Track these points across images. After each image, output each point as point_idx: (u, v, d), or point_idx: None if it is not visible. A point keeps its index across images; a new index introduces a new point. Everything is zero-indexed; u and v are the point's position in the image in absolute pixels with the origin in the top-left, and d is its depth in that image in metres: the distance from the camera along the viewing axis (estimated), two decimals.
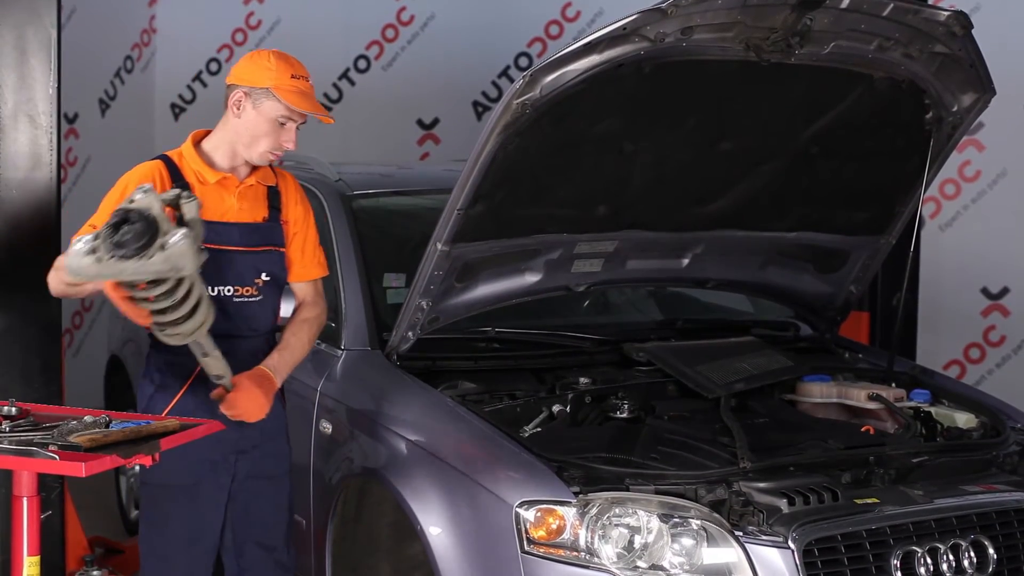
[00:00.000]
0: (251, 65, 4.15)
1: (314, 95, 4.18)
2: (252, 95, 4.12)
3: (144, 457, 3.65)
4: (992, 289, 8.08)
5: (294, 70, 4.13)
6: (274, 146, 4.16)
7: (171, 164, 4.17)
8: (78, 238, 3.60)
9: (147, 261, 3.50)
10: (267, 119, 4.12)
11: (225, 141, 4.21)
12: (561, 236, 4.69)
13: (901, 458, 4.27)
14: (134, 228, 3.48)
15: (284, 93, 4.09)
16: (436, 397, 4.45)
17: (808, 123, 4.65)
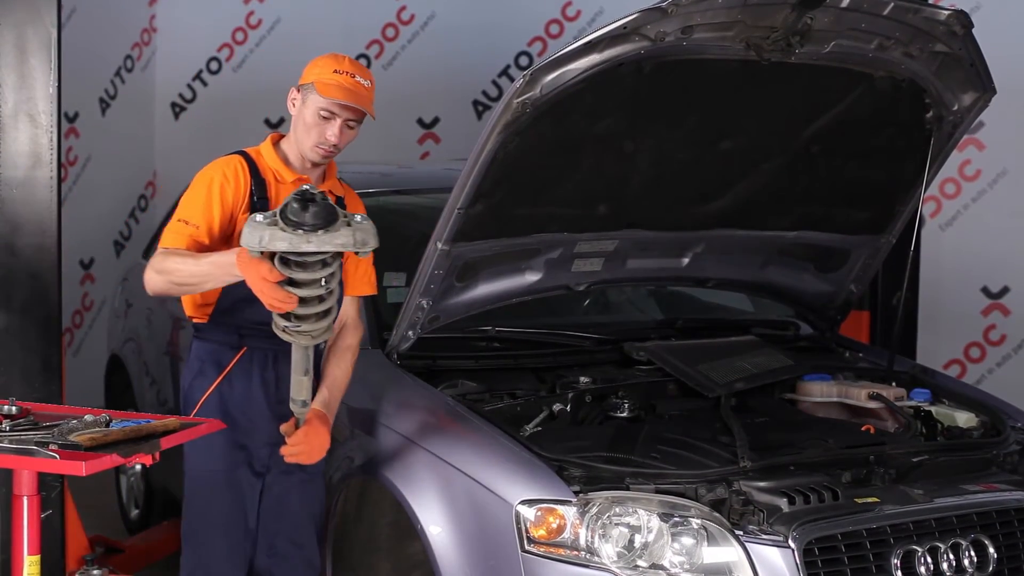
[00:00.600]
0: (310, 64, 4.25)
1: (360, 89, 4.19)
2: (302, 91, 4.22)
3: (144, 456, 3.65)
4: (992, 288, 8.09)
5: (339, 65, 4.19)
6: (319, 140, 4.20)
7: (250, 160, 4.26)
8: (252, 216, 3.67)
9: (335, 233, 3.59)
10: (311, 112, 4.18)
11: (292, 141, 4.30)
12: (561, 235, 4.68)
13: (901, 457, 4.26)
14: (323, 204, 3.60)
15: (322, 86, 4.15)
16: (436, 396, 4.45)
17: (808, 122, 4.65)
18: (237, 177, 4.18)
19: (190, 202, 4.14)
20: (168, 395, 6.47)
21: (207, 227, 4.09)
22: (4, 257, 4.88)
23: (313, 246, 3.59)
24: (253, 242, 3.60)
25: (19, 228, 4.88)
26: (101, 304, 9.39)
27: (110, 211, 9.53)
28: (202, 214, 4.10)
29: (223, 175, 4.16)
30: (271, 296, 3.71)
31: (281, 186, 4.24)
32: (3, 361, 4.88)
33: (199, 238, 4.07)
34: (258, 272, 3.70)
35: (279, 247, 3.59)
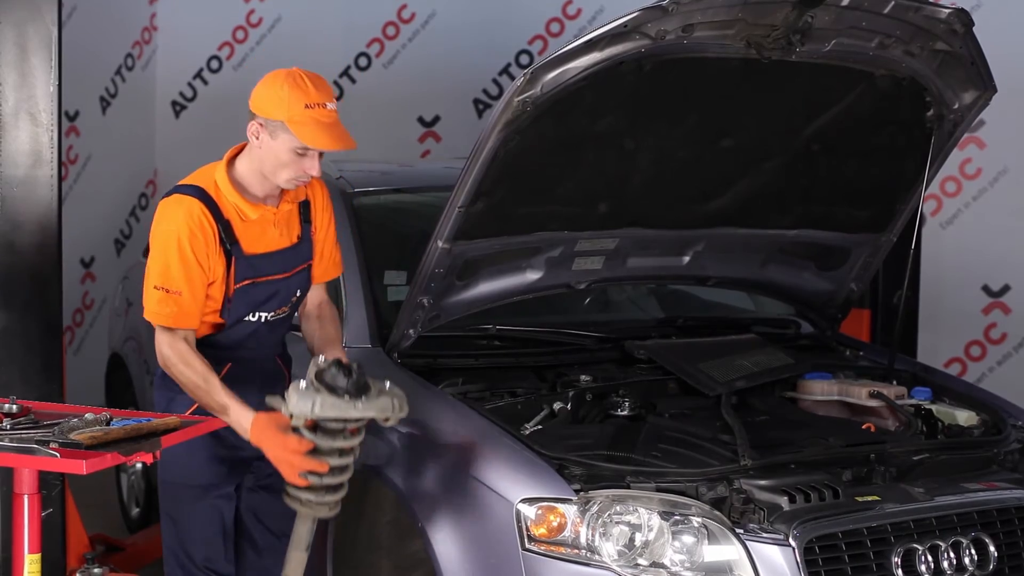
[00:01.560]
0: (266, 93, 4.00)
1: (334, 120, 3.99)
2: (267, 126, 3.98)
3: (145, 455, 3.65)
4: (993, 287, 8.07)
5: (308, 98, 3.93)
6: (297, 174, 4.02)
7: (210, 202, 4.04)
8: (295, 383, 3.74)
9: (376, 400, 3.77)
10: (285, 150, 3.96)
11: (253, 170, 4.07)
12: (562, 234, 4.68)
13: (902, 456, 4.27)
14: (358, 372, 3.76)
15: (297, 127, 3.92)
16: (437, 394, 4.45)
17: (809, 121, 4.65)
18: (203, 228, 3.99)
19: (164, 267, 3.98)
20: None
21: (190, 290, 3.99)
22: (5, 255, 4.88)
23: (358, 412, 3.74)
24: (306, 410, 3.70)
25: (20, 227, 4.88)
26: (102, 303, 9.39)
27: (111, 210, 9.52)
28: (182, 278, 3.97)
29: (189, 231, 3.96)
30: (301, 466, 3.78)
31: (245, 224, 4.09)
32: (4, 359, 4.88)
33: (186, 306, 3.99)
34: (285, 446, 3.79)
35: (329, 414, 3.72)
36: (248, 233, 4.08)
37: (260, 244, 4.12)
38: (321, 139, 3.94)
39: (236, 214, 4.07)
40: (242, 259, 4.07)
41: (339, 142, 3.97)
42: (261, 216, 4.11)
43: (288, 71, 4.03)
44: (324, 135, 3.95)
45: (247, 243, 4.07)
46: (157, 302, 3.99)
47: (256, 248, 4.10)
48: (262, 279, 4.14)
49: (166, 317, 4.00)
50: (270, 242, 4.15)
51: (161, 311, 3.99)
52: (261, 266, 4.12)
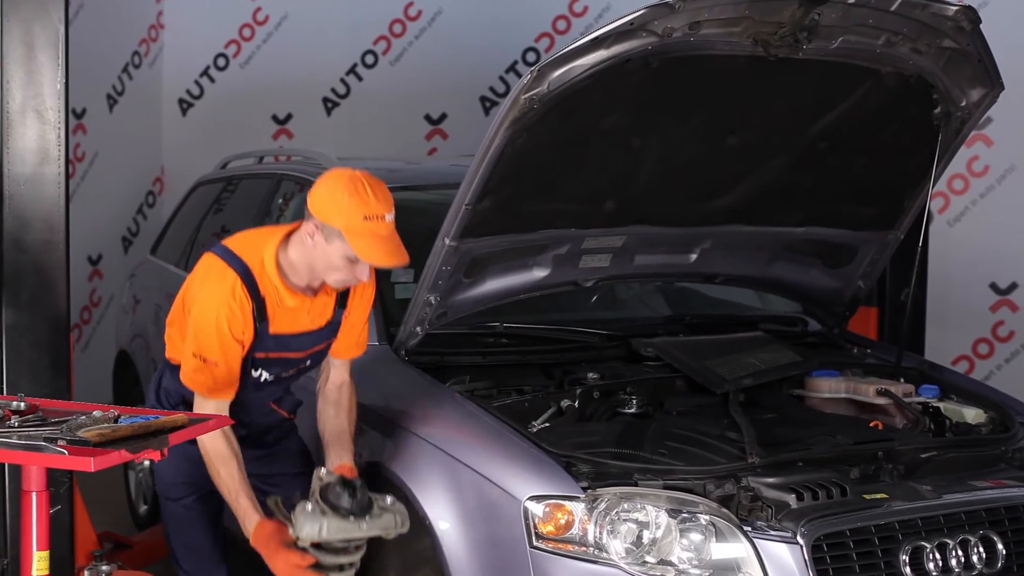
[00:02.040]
0: (326, 196, 3.96)
1: (391, 232, 3.95)
2: (323, 230, 3.95)
3: (153, 452, 3.65)
4: (1001, 284, 8.08)
5: (368, 209, 3.89)
6: (348, 279, 4.05)
7: (251, 281, 4.06)
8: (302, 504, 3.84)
9: (379, 519, 3.88)
10: (338, 256, 3.95)
11: (303, 262, 4.08)
12: (569, 231, 4.68)
13: (910, 453, 4.27)
14: (362, 490, 3.87)
15: (353, 238, 3.89)
16: (444, 392, 4.45)
17: (816, 118, 4.65)
18: (243, 308, 4.04)
19: (204, 338, 4.05)
20: None
21: (226, 363, 4.08)
22: (12, 253, 4.88)
23: (363, 533, 3.86)
24: (313, 533, 3.80)
25: (27, 224, 4.88)
26: (109, 300, 9.40)
27: (118, 207, 9.53)
28: (219, 351, 4.05)
29: (229, 310, 4.02)
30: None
31: (279, 309, 4.13)
32: (11, 357, 4.88)
33: (222, 377, 4.08)
34: (288, 560, 3.88)
35: (335, 536, 3.83)
36: (280, 314, 4.14)
37: (288, 326, 4.17)
38: (376, 254, 3.93)
39: (274, 296, 4.11)
40: (266, 336, 4.14)
41: (394, 258, 3.95)
42: (298, 304, 4.16)
43: (351, 175, 3.97)
44: (380, 249, 3.93)
45: (276, 323, 4.14)
46: (194, 370, 4.10)
47: (282, 329, 4.16)
48: (275, 355, 4.21)
49: (202, 386, 4.10)
50: (298, 325, 4.20)
51: (197, 379, 4.10)
52: (281, 344, 4.19)
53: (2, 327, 4.88)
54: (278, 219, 6.20)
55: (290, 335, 4.18)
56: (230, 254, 4.10)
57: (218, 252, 4.14)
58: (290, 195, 6.18)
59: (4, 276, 4.88)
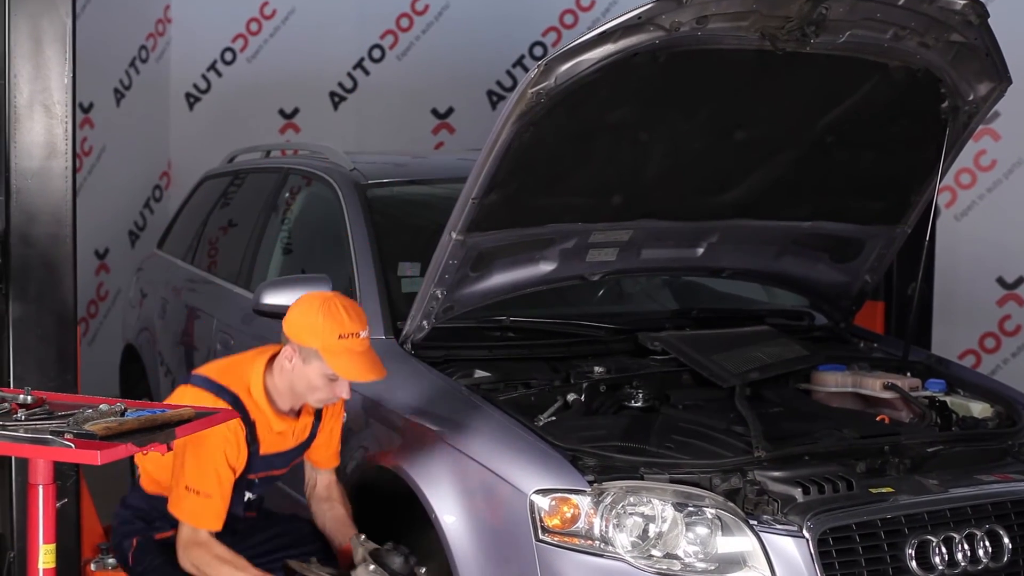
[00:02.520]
0: (301, 320, 4.11)
1: (366, 348, 4.10)
2: (301, 352, 4.09)
3: (159, 445, 3.65)
4: (1008, 279, 8.07)
5: (342, 328, 4.04)
6: (329, 397, 4.18)
7: (242, 409, 4.14)
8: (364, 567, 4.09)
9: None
10: (317, 375, 4.10)
11: (285, 387, 4.19)
12: (576, 225, 4.68)
13: (916, 447, 4.26)
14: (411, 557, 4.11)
15: (330, 356, 4.04)
16: (451, 386, 4.46)
17: (823, 112, 4.64)
18: (238, 436, 4.12)
19: (198, 470, 4.09)
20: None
21: (220, 493, 4.11)
22: (19, 247, 4.88)
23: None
24: None
25: (34, 218, 4.88)
26: (116, 294, 9.41)
27: (125, 201, 9.54)
28: (215, 483, 4.09)
29: (225, 440, 4.09)
30: None
31: (269, 433, 4.22)
32: (18, 350, 4.88)
33: (216, 508, 4.11)
34: None
35: None
36: (268, 437, 4.23)
37: (276, 447, 4.27)
38: (353, 370, 4.07)
39: (263, 420, 4.20)
40: (257, 459, 4.22)
41: (371, 372, 4.09)
42: (285, 428, 4.26)
43: (324, 297, 4.14)
44: (356, 366, 4.07)
45: (265, 446, 4.23)
46: (188, 503, 4.10)
47: (271, 450, 4.26)
48: (264, 474, 4.31)
49: (196, 518, 4.11)
50: (284, 445, 4.30)
51: (191, 511, 4.11)
52: (268, 464, 4.29)
53: (9, 321, 4.88)
54: (285, 214, 6.21)
55: (276, 454, 4.28)
56: (214, 384, 4.18)
57: (200, 384, 4.20)
58: (297, 189, 6.19)
59: (11, 270, 4.88)
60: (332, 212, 5.49)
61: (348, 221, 5.30)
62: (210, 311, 6.32)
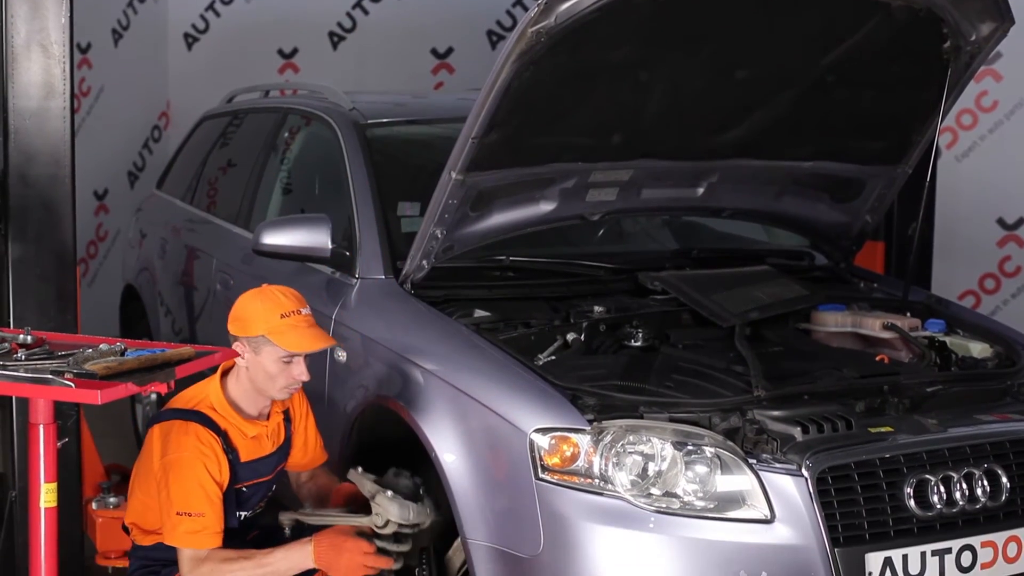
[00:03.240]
0: (241, 313, 4.18)
1: (311, 323, 4.18)
2: (250, 343, 4.15)
3: (159, 385, 3.67)
4: (1008, 219, 8.06)
5: (282, 308, 4.13)
6: (289, 383, 4.20)
7: (211, 423, 4.16)
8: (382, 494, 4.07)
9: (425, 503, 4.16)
10: (272, 361, 4.14)
11: (245, 389, 4.23)
12: (576, 165, 4.67)
13: (915, 387, 4.27)
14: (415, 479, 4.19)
15: (277, 336, 4.10)
16: (451, 325, 4.46)
17: (824, 52, 4.61)
18: (213, 448, 4.12)
19: (183, 493, 4.06)
20: (183, 325, 6.50)
21: (212, 509, 4.08)
22: (18, 187, 4.88)
23: (430, 516, 4.15)
24: (404, 517, 4.07)
25: (32, 158, 4.88)
26: (115, 235, 9.40)
27: (124, 142, 9.52)
28: (203, 500, 4.07)
29: (202, 454, 4.08)
30: (375, 563, 4.09)
31: (244, 440, 4.23)
32: (18, 291, 4.89)
33: (211, 524, 4.08)
34: (360, 549, 4.07)
35: (417, 519, 4.11)
36: (245, 444, 4.24)
37: (253, 453, 4.27)
38: (303, 342, 4.14)
39: (235, 429, 4.22)
40: (239, 466, 4.22)
41: (320, 341, 4.19)
42: (258, 432, 4.27)
43: (258, 289, 4.22)
44: (304, 338, 4.14)
45: (243, 453, 4.23)
46: (183, 528, 4.07)
47: (250, 456, 4.26)
48: (252, 482, 4.29)
49: (193, 540, 4.08)
50: (263, 449, 4.31)
51: (187, 535, 4.07)
52: (253, 471, 4.28)
53: (9, 261, 4.89)
54: (284, 153, 6.19)
55: (258, 459, 4.29)
56: (178, 412, 4.19)
57: (165, 418, 4.20)
58: (296, 129, 6.17)
59: (10, 210, 4.88)
60: (331, 152, 5.47)
61: (347, 161, 5.29)
62: (210, 251, 6.32)
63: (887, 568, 3.80)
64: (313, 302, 4.35)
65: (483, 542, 3.96)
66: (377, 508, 4.06)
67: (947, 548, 3.88)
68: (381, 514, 4.06)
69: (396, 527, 4.09)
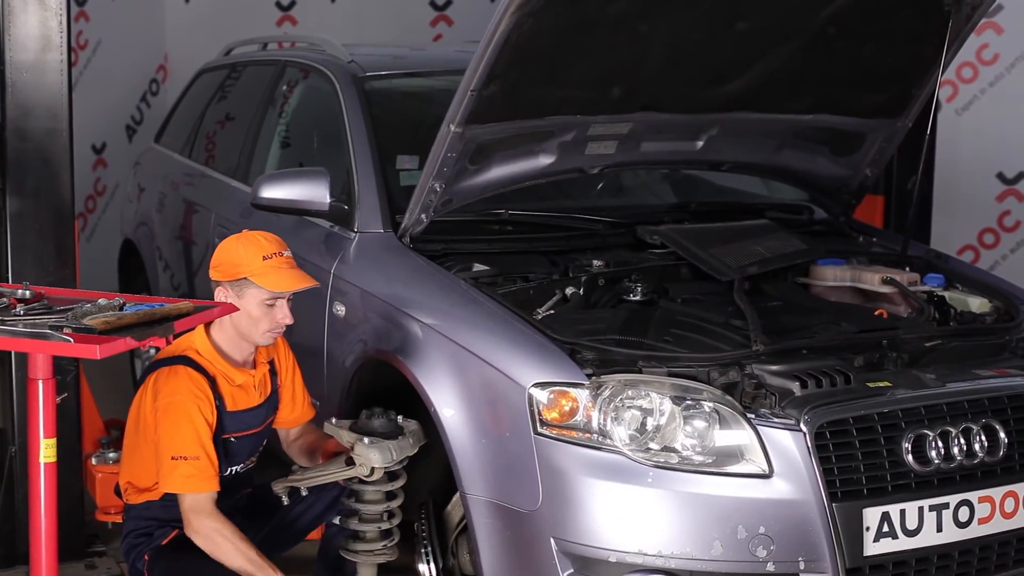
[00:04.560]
0: (224, 258, 4.20)
1: (292, 264, 4.21)
2: (233, 287, 4.17)
3: (158, 339, 3.66)
4: (1008, 174, 8.05)
5: (264, 251, 4.16)
6: (272, 326, 4.22)
7: (198, 367, 4.17)
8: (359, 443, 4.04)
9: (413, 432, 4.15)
10: (255, 304, 4.16)
11: (230, 336, 4.25)
12: (575, 118, 4.65)
13: (914, 342, 4.27)
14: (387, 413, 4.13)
15: (260, 278, 4.13)
16: (449, 279, 4.45)
17: (826, 3, 4.59)
18: (202, 387, 4.13)
19: (176, 436, 4.06)
20: (182, 279, 6.49)
21: (206, 452, 4.08)
22: (15, 141, 4.87)
23: (413, 447, 4.13)
24: (387, 459, 4.03)
25: (30, 112, 4.87)
26: (114, 189, 9.39)
27: (122, 95, 9.48)
28: (196, 443, 4.07)
29: (194, 396, 4.10)
30: None
31: (231, 387, 4.24)
32: (16, 246, 4.88)
33: (206, 468, 4.08)
34: None
35: (401, 455, 4.08)
36: (232, 392, 4.24)
37: (241, 403, 4.27)
38: (286, 282, 4.16)
39: (223, 377, 4.23)
40: (227, 415, 4.22)
41: (302, 281, 4.20)
42: (245, 380, 4.27)
43: (239, 235, 4.24)
44: (287, 278, 4.17)
45: (230, 402, 4.23)
46: (179, 473, 4.06)
47: (237, 406, 4.25)
48: (240, 434, 4.28)
49: (191, 484, 4.07)
50: (250, 400, 4.30)
51: (184, 479, 4.07)
52: (241, 422, 4.27)
53: (7, 215, 4.88)
54: (282, 107, 6.17)
55: (246, 410, 4.28)
56: (165, 359, 4.20)
57: (153, 368, 4.22)
58: (294, 82, 6.15)
59: (8, 165, 4.87)
60: (330, 105, 5.45)
61: (346, 114, 5.27)
62: (208, 205, 6.30)
63: (884, 523, 3.81)
64: (311, 256, 4.35)
65: (482, 496, 3.97)
66: (359, 458, 4.04)
67: (944, 503, 3.89)
68: (364, 464, 4.04)
69: (383, 471, 4.08)
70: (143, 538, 4.29)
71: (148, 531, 4.29)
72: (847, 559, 3.76)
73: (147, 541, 4.28)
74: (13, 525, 4.92)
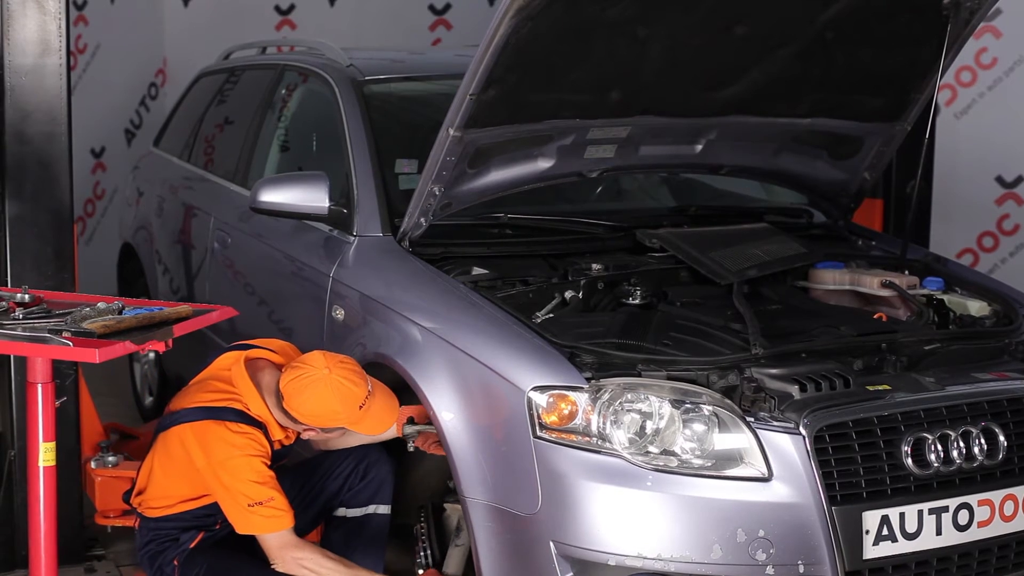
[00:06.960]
0: (319, 410, 4.16)
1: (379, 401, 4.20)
2: (325, 430, 4.28)
3: (157, 343, 3.67)
4: (1007, 177, 8.04)
5: (358, 399, 4.14)
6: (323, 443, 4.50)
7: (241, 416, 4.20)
8: None
9: None
10: (336, 434, 4.34)
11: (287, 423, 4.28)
12: (574, 122, 4.65)
13: (913, 345, 4.27)
14: None
15: (358, 426, 4.20)
16: (449, 283, 4.45)
17: (824, 7, 4.59)
18: (261, 442, 4.19)
19: (252, 487, 4.10)
20: (181, 283, 6.49)
21: (278, 490, 4.14)
22: (14, 145, 4.87)
23: None
24: None
25: (29, 116, 4.87)
26: (113, 193, 9.39)
27: (121, 99, 9.49)
28: (271, 487, 4.12)
29: (254, 449, 4.15)
30: None
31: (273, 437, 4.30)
32: (15, 249, 4.89)
33: (283, 504, 4.13)
34: None
35: None
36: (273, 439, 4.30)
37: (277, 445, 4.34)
38: (379, 425, 4.23)
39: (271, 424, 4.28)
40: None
41: (392, 415, 4.25)
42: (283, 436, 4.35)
43: (326, 381, 4.13)
44: (380, 421, 4.22)
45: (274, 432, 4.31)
46: (259, 516, 4.11)
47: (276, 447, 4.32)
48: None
49: (274, 524, 4.12)
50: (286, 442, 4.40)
51: (267, 522, 4.12)
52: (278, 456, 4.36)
53: (6, 219, 4.89)
54: (281, 111, 6.17)
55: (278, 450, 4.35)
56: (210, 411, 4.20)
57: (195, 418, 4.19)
58: (293, 86, 6.15)
59: (7, 168, 4.88)
60: (329, 109, 5.46)
61: (345, 118, 5.27)
62: (207, 209, 6.30)
63: (884, 526, 3.81)
64: (310, 260, 4.34)
65: (481, 500, 3.97)
66: None
67: (944, 506, 3.89)
68: None
69: None
70: (169, 544, 4.31)
71: (173, 536, 4.31)
72: (846, 562, 3.76)
73: (174, 546, 4.31)
74: (12, 529, 4.92)
